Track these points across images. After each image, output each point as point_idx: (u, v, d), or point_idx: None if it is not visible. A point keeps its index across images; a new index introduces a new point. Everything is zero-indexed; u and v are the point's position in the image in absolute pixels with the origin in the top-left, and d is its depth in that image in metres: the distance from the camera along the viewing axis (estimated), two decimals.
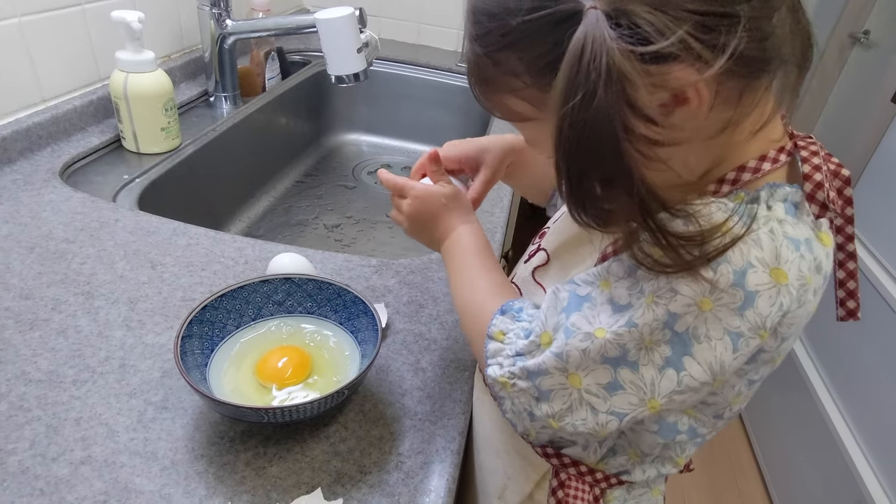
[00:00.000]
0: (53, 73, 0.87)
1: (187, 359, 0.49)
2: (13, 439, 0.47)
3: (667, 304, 0.36)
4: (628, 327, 0.37)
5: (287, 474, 0.47)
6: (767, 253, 0.35)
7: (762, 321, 0.35)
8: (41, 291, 0.62)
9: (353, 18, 0.93)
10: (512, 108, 0.41)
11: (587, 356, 0.38)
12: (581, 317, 0.40)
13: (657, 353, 0.37)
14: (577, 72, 0.32)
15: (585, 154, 0.34)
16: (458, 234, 0.54)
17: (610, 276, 0.40)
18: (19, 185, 0.77)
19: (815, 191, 0.38)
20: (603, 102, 0.31)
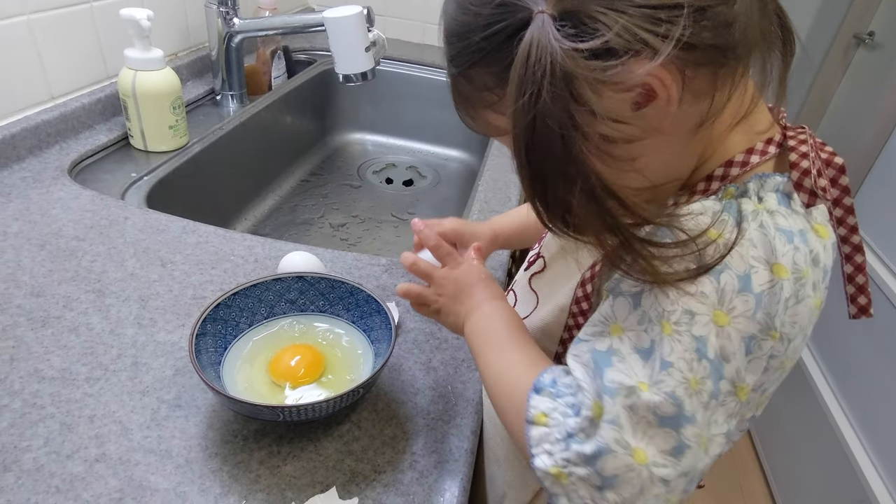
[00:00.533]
0: (62, 70, 0.87)
1: (201, 357, 0.49)
2: (28, 437, 0.47)
3: (689, 329, 0.34)
4: (666, 369, 0.34)
5: (301, 473, 0.47)
6: (762, 249, 0.35)
7: (771, 320, 0.34)
8: (52, 289, 0.62)
9: (361, 17, 0.93)
10: (492, 123, 0.41)
11: (636, 413, 0.35)
12: (616, 371, 0.36)
13: (705, 393, 0.35)
14: (524, 73, 0.32)
15: (539, 153, 0.34)
16: (489, 310, 0.49)
17: (616, 319, 0.38)
18: (28, 183, 0.77)
19: (802, 178, 0.38)
20: (549, 100, 0.32)
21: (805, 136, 0.39)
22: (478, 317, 0.49)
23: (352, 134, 1.49)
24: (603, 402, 0.36)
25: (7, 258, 0.65)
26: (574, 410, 0.37)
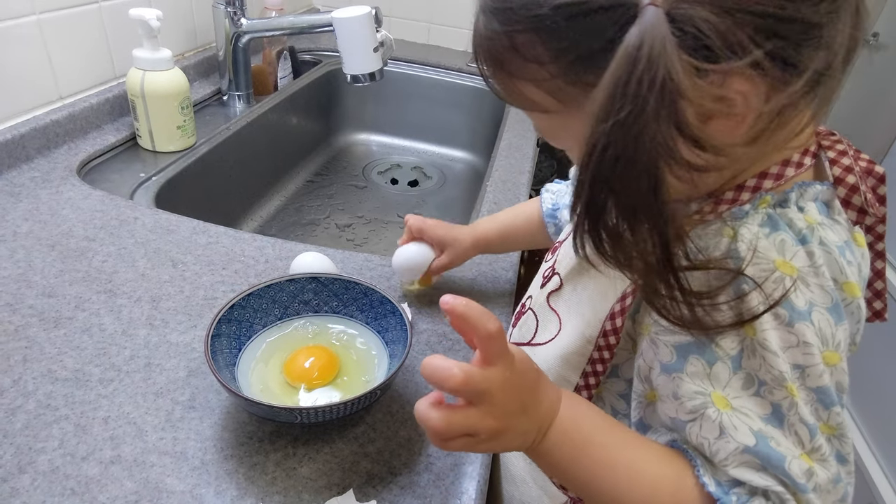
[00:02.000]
0: (71, 70, 0.87)
1: (217, 358, 0.49)
2: (42, 438, 0.47)
3: (804, 385, 0.33)
4: (815, 435, 0.33)
5: (317, 475, 0.47)
6: (830, 269, 0.33)
7: (853, 339, 0.35)
8: (64, 289, 0.61)
9: (370, 18, 0.93)
10: (527, 97, 0.37)
11: (821, 489, 0.34)
12: (794, 462, 0.33)
13: (847, 439, 0.35)
14: (626, 83, 0.28)
15: (618, 181, 0.30)
16: (567, 411, 0.37)
17: (717, 386, 0.35)
18: (38, 183, 0.77)
19: (851, 195, 0.36)
20: (652, 124, 0.28)
21: (843, 146, 0.38)
22: (559, 427, 0.37)
23: (357, 134, 1.49)
24: (806, 497, 0.34)
25: (18, 258, 0.64)
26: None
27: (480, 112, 1.41)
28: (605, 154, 0.29)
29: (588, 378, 0.47)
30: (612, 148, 0.29)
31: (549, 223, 0.67)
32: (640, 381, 0.41)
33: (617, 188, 0.30)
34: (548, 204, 0.67)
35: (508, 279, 0.72)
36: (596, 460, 0.37)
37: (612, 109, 0.28)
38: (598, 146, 0.29)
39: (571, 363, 0.47)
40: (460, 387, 0.33)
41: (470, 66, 1.43)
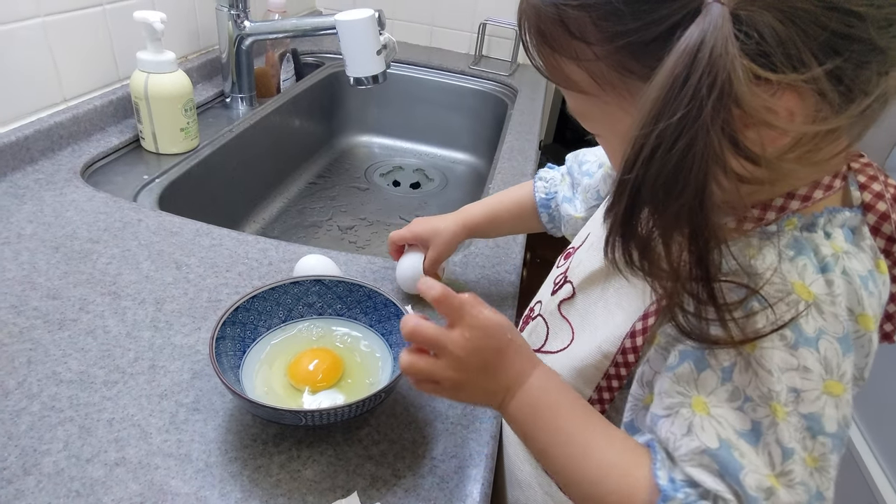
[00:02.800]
0: (75, 72, 0.87)
1: (222, 360, 0.49)
2: (47, 440, 0.47)
3: (797, 408, 0.32)
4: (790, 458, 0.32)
5: (322, 478, 0.47)
6: (848, 299, 0.32)
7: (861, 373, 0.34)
8: (68, 291, 0.61)
9: (373, 21, 0.93)
10: (567, 75, 0.36)
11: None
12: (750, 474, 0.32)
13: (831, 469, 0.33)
14: (682, 84, 0.26)
15: (665, 185, 0.28)
16: (537, 381, 0.40)
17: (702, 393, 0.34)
18: (42, 185, 0.77)
19: (881, 223, 0.35)
20: (706, 128, 0.26)
21: (873, 170, 0.37)
22: (526, 392, 0.40)
23: (359, 136, 1.49)
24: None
25: (22, 260, 0.65)
26: None
27: (482, 114, 1.42)
28: (654, 156, 0.28)
29: (602, 392, 0.46)
30: (661, 150, 0.27)
31: (542, 213, 0.67)
32: (640, 386, 0.41)
33: (662, 192, 0.29)
34: (541, 193, 0.67)
35: (511, 282, 0.72)
36: (555, 432, 0.39)
37: (665, 109, 0.27)
38: (648, 147, 0.28)
39: (586, 376, 0.46)
40: (410, 333, 0.39)
41: (472, 68, 1.43)
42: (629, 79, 0.32)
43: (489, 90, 1.41)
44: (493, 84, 1.42)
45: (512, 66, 1.46)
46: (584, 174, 0.63)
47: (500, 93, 1.40)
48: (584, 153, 0.65)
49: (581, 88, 0.36)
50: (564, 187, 0.65)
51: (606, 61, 0.33)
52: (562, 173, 0.67)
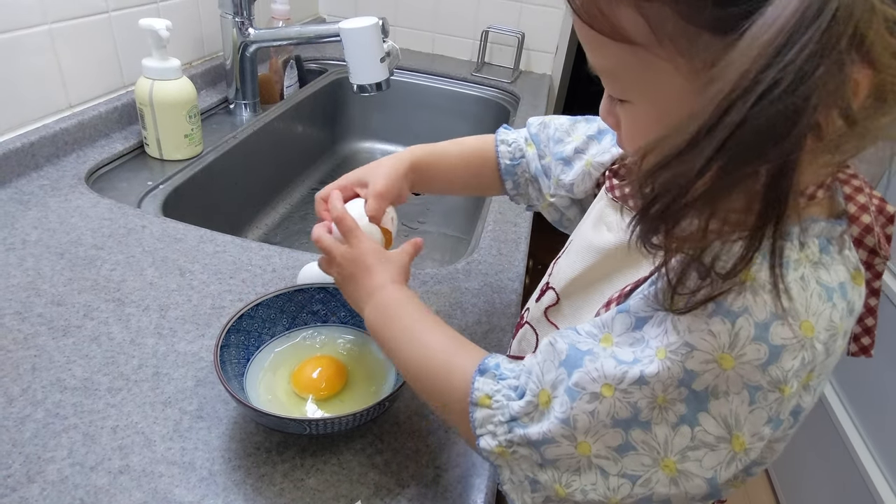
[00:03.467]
0: (80, 79, 0.88)
1: (226, 368, 0.49)
2: (51, 447, 0.47)
3: (683, 362, 0.32)
4: (639, 385, 0.33)
5: (325, 486, 0.47)
6: (797, 304, 0.31)
7: (783, 375, 0.31)
8: (72, 298, 0.62)
9: (377, 28, 0.93)
10: (615, 21, 0.31)
11: (596, 419, 0.34)
12: (584, 374, 0.35)
13: (671, 412, 0.33)
14: (813, 18, 0.23)
15: (759, 138, 0.25)
16: (391, 291, 0.48)
17: (613, 333, 0.36)
18: (47, 191, 0.77)
19: (864, 235, 0.35)
20: (829, 73, 0.23)
21: (859, 181, 0.36)
22: (381, 299, 0.48)
23: (361, 143, 1.50)
24: (555, 394, 0.36)
25: (27, 266, 0.65)
26: (517, 393, 0.38)
27: (485, 121, 1.42)
28: (765, 98, 0.24)
29: None
30: (777, 91, 0.24)
31: (507, 179, 0.64)
32: None
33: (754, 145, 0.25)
34: (505, 159, 0.63)
35: (514, 289, 0.72)
36: (400, 330, 0.46)
37: (788, 44, 0.24)
38: (761, 86, 0.24)
39: None
40: (315, 239, 0.53)
41: (474, 75, 1.44)
42: (697, 30, 0.28)
43: (491, 97, 1.42)
44: (495, 91, 1.42)
45: (514, 73, 1.47)
46: (554, 156, 0.59)
47: (502, 100, 1.41)
48: (552, 125, 0.60)
49: (628, 37, 0.31)
50: (532, 154, 0.62)
51: (673, 6, 0.29)
52: (525, 138, 0.63)
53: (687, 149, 0.27)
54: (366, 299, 0.49)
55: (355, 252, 0.50)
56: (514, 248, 0.80)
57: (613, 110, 0.39)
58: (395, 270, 0.50)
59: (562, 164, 0.58)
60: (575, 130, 0.59)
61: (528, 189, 0.64)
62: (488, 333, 0.65)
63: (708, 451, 0.33)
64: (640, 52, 0.31)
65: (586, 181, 0.55)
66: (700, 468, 0.33)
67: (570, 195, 0.58)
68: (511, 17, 1.47)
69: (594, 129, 0.57)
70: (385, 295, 0.48)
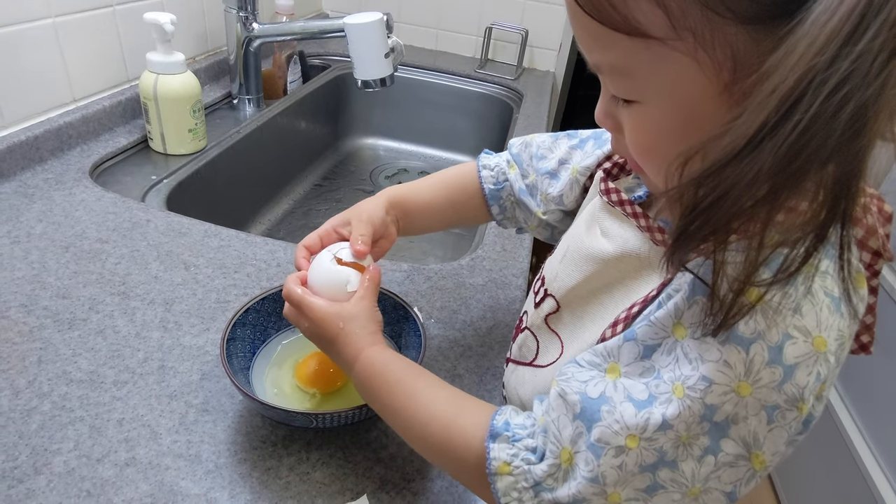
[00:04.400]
0: (84, 73, 0.88)
1: (232, 362, 0.49)
2: (58, 439, 0.47)
3: (702, 398, 0.31)
4: (663, 430, 0.32)
5: (331, 480, 0.47)
6: (808, 320, 0.30)
7: (800, 392, 0.30)
8: (78, 291, 0.62)
9: (381, 24, 0.93)
10: (629, 13, 0.29)
11: (624, 471, 0.33)
12: (605, 428, 0.33)
13: (696, 447, 0.32)
14: (879, 8, 0.22)
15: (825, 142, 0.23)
16: (366, 357, 0.45)
17: (620, 362, 0.35)
18: (51, 184, 0.77)
19: (867, 237, 0.34)
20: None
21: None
22: (361, 370, 0.45)
23: (364, 139, 1.50)
24: (580, 449, 0.34)
25: (32, 259, 0.65)
26: (536, 456, 0.36)
27: (488, 118, 1.42)
28: (838, 92, 0.22)
29: None
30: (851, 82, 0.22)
31: (492, 205, 0.62)
32: None
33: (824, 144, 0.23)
34: (489, 183, 0.61)
35: (518, 286, 0.72)
36: (388, 396, 0.44)
37: (857, 31, 0.22)
38: (833, 78, 0.22)
39: None
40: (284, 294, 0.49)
41: (478, 72, 1.44)
42: (722, 20, 0.26)
43: (495, 94, 1.42)
44: (498, 88, 1.42)
45: (517, 70, 1.47)
46: (539, 172, 0.58)
47: (506, 97, 1.41)
48: (534, 143, 0.59)
49: (645, 31, 0.29)
50: (514, 176, 0.60)
51: None
52: (506, 160, 0.61)
53: (745, 151, 0.24)
54: (347, 368, 0.47)
55: (313, 326, 0.47)
56: (518, 244, 0.80)
57: (613, 112, 0.36)
58: (361, 328, 0.47)
59: (548, 177, 0.57)
60: (557, 147, 0.58)
61: (515, 212, 0.62)
62: (492, 329, 0.65)
63: (727, 468, 0.33)
64: (654, 46, 0.29)
65: (574, 189, 0.54)
66: (719, 483, 0.33)
67: (560, 208, 0.57)
68: (515, 13, 1.47)
69: (576, 140, 0.56)
70: (362, 366, 0.45)
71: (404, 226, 0.59)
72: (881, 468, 1.27)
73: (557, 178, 0.56)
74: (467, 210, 0.63)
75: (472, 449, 0.39)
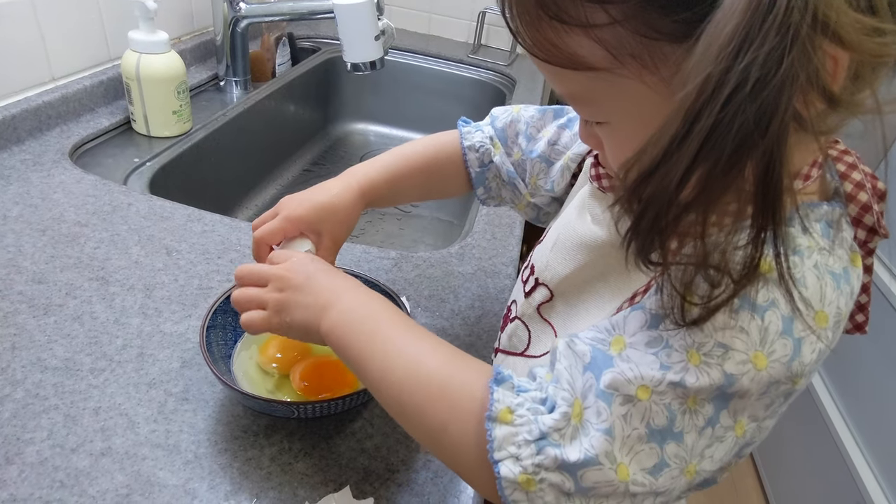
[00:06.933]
0: (64, 51, 0.85)
1: (212, 349, 0.48)
2: (31, 428, 0.46)
3: (721, 365, 0.30)
4: (674, 387, 0.30)
5: (314, 471, 0.46)
6: (812, 294, 0.30)
7: (802, 369, 0.30)
8: (54, 276, 0.60)
9: (371, 5, 0.91)
10: (572, 51, 0.30)
11: (629, 424, 0.31)
12: (617, 374, 0.31)
13: (700, 416, 0.31)
14: (766, 11, 0.23)
15: (738, 138, 0.24)
16: (354, 294, 0.42)
17: (625, 333, 0.33)
18: (28, 166, 0.75)
19: (862, 214, 0.34)
20: (797, 64, 0.23)
21: (852, 158, 0.35)
22: (343, 303, 0.41)
23: (354, 124, 1.47)
24: (590, 403, 0.31)
25: (7, 243, 0.63)
26: (547, 406, 0.32)
27: (480, 104, 1.40)
28: (733, 98, 0.23)
29: None
30: (744, 90, 0.23)
31: (478, 187, 0.60)
32: None
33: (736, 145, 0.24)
34: (475, 167, 0.59)
35: (508, 274, 0.71)
36: (372, 336, 0.39)
37: (746, 42, 0.23)
38: (726, 87, 0.23)
39: None
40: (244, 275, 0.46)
41: (471, 57, 1.41)
42: (656, 42, 0.28)
43: (487, 79, 1.40)
44: (491, 73, 1.40)
45: (511, 55, 1.45)
46: (528, 154, 0.56)
47: (499, 82, 1.39)
48: (521, 120, 0.57)
49: (590, 65, 0.30)
50: (500, 158, 0.58)
51: (626, 24, 0.28)
52: (490, 136, 0.59)
53: (664, 160, 0.26)
54: (321, 309, 0.41)
55: (291, 266, 0.44)
56: (509, 232, 0.78)
57: (592, 132, 0.38)
58: (338, 274, 0.44)
59: (539, 162, 0.56)
60: (545, 124, 0.56)
61: (501, 192, 0.60)
62: (481, 318, 0.64)
63: (719, 443, 0.32)
64: (604, 75, 0.30)
65: (565, 175, 0.53)
66: (712, 463, 0.32)
67: (551, 194, 0.56)
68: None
69: (563, 119, 0.55)
70: (346, 299, 0.41)
71: (372, 206, 0.57)
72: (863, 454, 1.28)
73: (550, 164, 0.56)
74: (447, 192, 0.62)
75: (470, 398, 0.34)
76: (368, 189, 0.55)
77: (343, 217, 0.53)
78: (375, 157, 0.57)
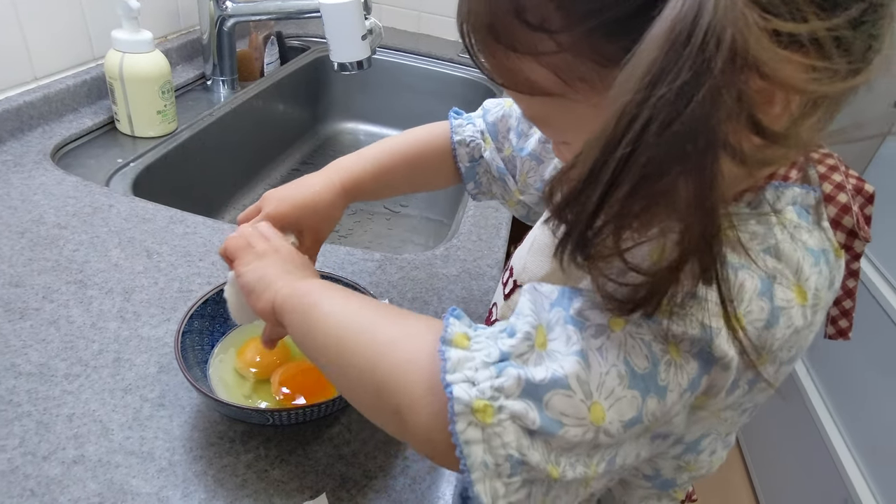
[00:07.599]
0: (46, 50, 0.84)
1: (188, 355, 0.47)
2: (2, 436, 0.45)
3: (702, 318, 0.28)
4: (654, 323, 0.29)
5: (290, 478, 0.46)
6: (787, 265, 0.29)
7: (772, 343, 0.29)
8: (32, 279, 0.59)
9: (358, 4, 0.90)
10: (526, 77, 0.31)
11: (605, 359, 0.28)
12: (586, 301, 0.30)
13: (685, 374, 0.29)
14: (682, 45, 0.22)
15: (650, 174, 0.24)
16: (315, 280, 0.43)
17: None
18: (9, 167, 0.74)
19: (842, 215, 0.34)
20: (710, 98, 0.22)
21: (834, 160, 0.35)
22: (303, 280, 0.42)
23: (344, 123, 1.46)
24: (557, 334, 0.29)
25: None
26: (509, 331, 0.30)
27: (471, 103, 1.38)
28: (648, 129, 0.23)
29: None
30: (659, 121, 0.23)
31: (468, 182, 0.60)
32: None
33: (657, 169, 0.24)
34: (465, 162, 0.58)
35: (493, 276, 0.71)
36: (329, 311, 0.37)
37: (659, 78, 0.23)
38: (635, 122, 0.24)
39: None
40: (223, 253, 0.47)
41: (461, 56, 1.41)
42: (603, 67, 0.28)
43: (478, 79, 1.39)
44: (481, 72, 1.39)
45: None
46: (519, 151, 0.56)
47: (489, 81, 1.38)
48: (514, 115, 0.57)
49: (544, 90, 0.31)
50: (491, 153, 0.57)
51: (573, 51, 0.28)
52: (481, 130, 0.58)
53: (584, 186, 0.26)
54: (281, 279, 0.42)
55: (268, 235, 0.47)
56: (495, 233, 0.78)
57: (562, 150, 0.39)
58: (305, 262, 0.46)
59: (530, 160, 0.55)
60: None
61: (492, 188, 0.60)
62: None
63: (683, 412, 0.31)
64: (559, 100, 0.31)
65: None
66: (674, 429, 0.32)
67: (540, 193, 0.56)
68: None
69: None
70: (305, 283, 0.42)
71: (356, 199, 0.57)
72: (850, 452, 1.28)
73: (540, 162, 0.55)
74: (433, 185, 0.62)
75: (422, 347, 0.32)
76: (351, 185, 0.55)
77: (325, 215, 0.53)
78: (361, 150, 0.57)
